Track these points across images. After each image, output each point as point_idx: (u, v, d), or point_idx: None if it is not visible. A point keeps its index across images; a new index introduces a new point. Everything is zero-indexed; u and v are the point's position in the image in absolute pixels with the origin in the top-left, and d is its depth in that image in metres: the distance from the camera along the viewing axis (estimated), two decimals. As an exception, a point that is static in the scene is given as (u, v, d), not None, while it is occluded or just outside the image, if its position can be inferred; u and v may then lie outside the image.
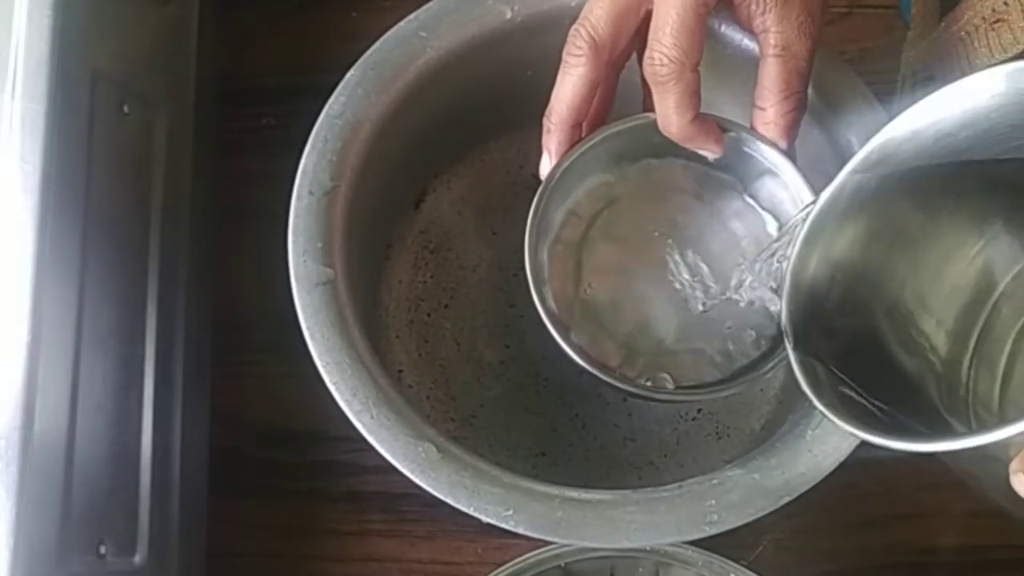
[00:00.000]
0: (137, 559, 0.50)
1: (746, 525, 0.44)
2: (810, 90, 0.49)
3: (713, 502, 0.44)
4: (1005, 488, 0.32)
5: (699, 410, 0.57)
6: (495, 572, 0.52)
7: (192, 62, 0.58)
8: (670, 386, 0.46)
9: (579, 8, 0.50)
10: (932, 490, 0.57)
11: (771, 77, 0.43)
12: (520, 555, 0.53)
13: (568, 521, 0.43)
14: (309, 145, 0.48)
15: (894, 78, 0.63)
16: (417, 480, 0.44)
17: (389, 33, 0.50)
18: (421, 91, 0.50)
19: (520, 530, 0.43)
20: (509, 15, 0.50)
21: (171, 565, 0.53)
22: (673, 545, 0.51)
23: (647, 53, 0.42)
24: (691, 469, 0.55)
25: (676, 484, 0.45)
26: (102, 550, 0.48)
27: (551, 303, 0.46)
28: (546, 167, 0.46)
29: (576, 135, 0.46)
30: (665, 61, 0.41)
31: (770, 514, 0.44)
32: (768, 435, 0.55)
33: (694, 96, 0.42)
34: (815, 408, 0.38)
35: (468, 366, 0.58)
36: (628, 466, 0.56)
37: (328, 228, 0.48)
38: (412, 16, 0.50)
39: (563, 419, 0.57)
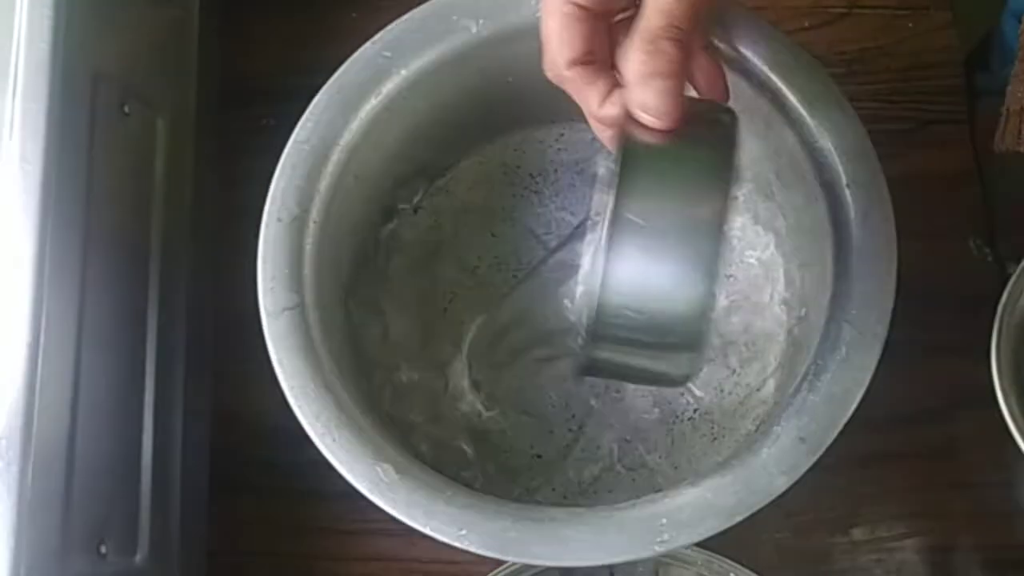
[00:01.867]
0: (138, 558, 0.50)
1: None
2: (789, 94, 0.49)
3: (664, 521, 0.43)
4: None
5: (695, 410, 0.57)
6: (495, 572, 0.52)
7: (193, 62, 0.58)
8: None
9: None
10: (932, 490, 0.57)
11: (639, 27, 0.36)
12: (520, 555, 0.53)
13: (520, 540, 0.44)
14: (277, 172, 0.49)
15: (893, 78, 0.63)
16: (376, 501, 0.45)
17: (354, 56, 0.50)
18: (392, 109, 0.51)
19: (472, 549, 0.44)
20: (474, 29, 0.50)
21: (172, 564, 0.53)
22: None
23: (644, 19, 0.37)
24: (685, 471, 0.55)
25: (629, 502, 0.45)
26: (103, 549, 0.48)
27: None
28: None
29: (590, 74, 0.39)
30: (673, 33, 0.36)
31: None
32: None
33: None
34: None
35: (465, 370, 0.58)
36: (623, 468, 0.56)
37: (297, 254, 0.48)
38: (376, 37, 0.50)
39: (560, 421, 0.57)
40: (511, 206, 0.60)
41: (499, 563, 0.52)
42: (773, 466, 0.44)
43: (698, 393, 0.56)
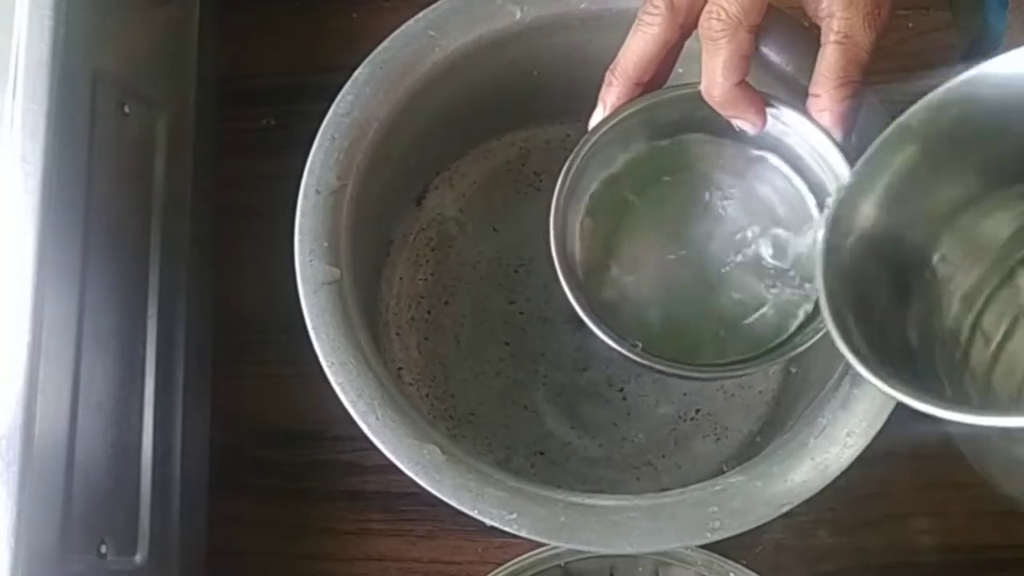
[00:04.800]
0: (138, 558, 0.50)
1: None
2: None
3: (715, 508, 0.44)
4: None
5: (697, 410, 0.57)
6: (495, 571, 0.52)
7: (193, 62, 0.58)
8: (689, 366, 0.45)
9: (587, 10, 0.50)
10: (932, 490, 0.57)
11: (829, 63, 0.41)
12: (520, 554, 0.53)
13: (571, 525, 0.43)
14: (316, 143, 0.48)
15: (893, 78, 0.63)
16: (421, 482, 0.44)
17: (398, 31, 0.50)
18: (428, 90, 0.50)
19: (523, 534, 0.43)
20: (519, 15, 0.50)
21: (171, 564, 0.53)
22: (673, 545, 0.51)
23: (706, 8, 0.41)
24: (688, 470, 0.55)
25: (679, 490, 0.45)
26: (103, 549, 0.48)
27: (577, 270, 0.45)
28: (597, 120, 0.45)
29: (636, 93, 0.45)
30: (722, 16, 0.40)
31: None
32: (766, 437, 0.55)
33: (744, 59, 0.41)
34: (859, 373, 0.37)
35: (468, 364, 0.58)
36: (626, 466, 0.56)
37: (335, 227, 0.47)
38: (421, 15, 0.50)
39: (562, 418, 0.57)
40: (514, 202, 0.60)
41: (499, 564, 0.52)
42: (820, 456, 0.44)
43: (700, 394, 0.56)
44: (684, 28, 0.43)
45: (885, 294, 0.42)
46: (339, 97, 0.49)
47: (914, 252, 0.42)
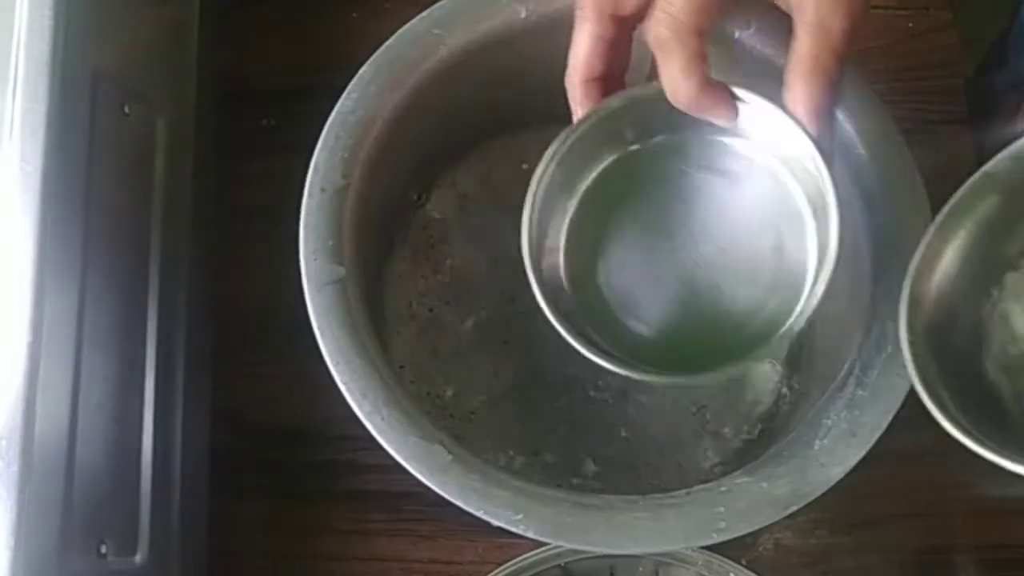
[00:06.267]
0: (138, 558, 0.50)
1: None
2: None
3: (722, 509, 0.44)
4: None
5: (698, 410, 0.57)
6: (495, 571, 0.52)
7: (193, 63, 0.58)
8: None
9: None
10: (932, 490, 0.57)
11: (800, 53, 0.40)
12: (520, 555, 0.53)
13: (577, 526, 0.43)
14: (321, 142, 0.48)
15: (893, 78, 0.63)
16: (428, 483, 0.43)
17: (403, 29, 0.50)
18: (432, 88, 0.50)
19: (530, 534, 0.43)
20: (524, 14, 0.50)
21: (172, 564, 0.53)
22: (673, 545, 0.51)
23: (650, 12, 0.40)
24: (687, 469, 0.55)
25: (684, 490, 0.45)
26: (103, 549, 0.48)
27: (559, 279, 0.45)
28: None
29: (595, 91, 0.44)
30: (668, 21, 0.39)
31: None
32: (767, 437, 0.55)
33: (699, 59, 0.40)
34: (952, 435, 0.38)
35: (468, 363, 0.58)
36: (625, 465, 0.56)
37: (339, 226, 0.47)
38: (426, 13, 0.50)
39: (562, 417, 0.57)
40: (516, 201, 0.60)
41: (499, 564, 0.53)
42: (825, 458, 0.44)
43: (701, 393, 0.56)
44: (616, 20, 0.43)
45: (960, 338, 0.43)
46: (344, 95, 0.49)
47: (980, 290, 0.43)
